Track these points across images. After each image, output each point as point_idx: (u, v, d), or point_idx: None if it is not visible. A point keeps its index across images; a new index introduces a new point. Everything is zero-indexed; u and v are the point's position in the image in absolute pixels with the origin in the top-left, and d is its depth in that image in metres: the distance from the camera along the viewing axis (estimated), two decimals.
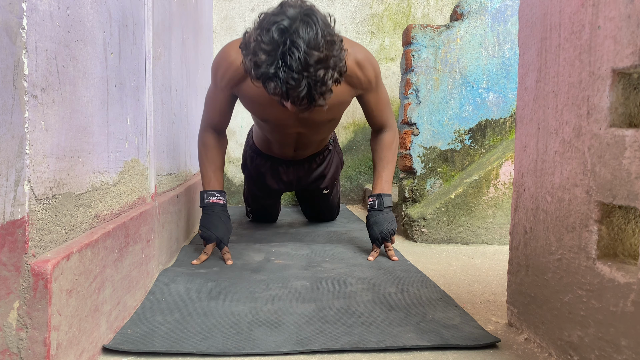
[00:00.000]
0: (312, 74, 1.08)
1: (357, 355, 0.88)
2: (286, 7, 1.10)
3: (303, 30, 1.07)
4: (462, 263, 1.57)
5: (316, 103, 1.14)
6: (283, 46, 1.05)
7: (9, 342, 0.66)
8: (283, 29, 1.06)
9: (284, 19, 1.07)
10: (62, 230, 0.76)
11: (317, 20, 1.10)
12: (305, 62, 1.06)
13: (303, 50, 1.05)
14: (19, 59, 0.63)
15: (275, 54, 1.06)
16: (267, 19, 1.10)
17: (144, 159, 1.21)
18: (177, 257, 1.55)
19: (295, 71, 1.06)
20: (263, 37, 1.07)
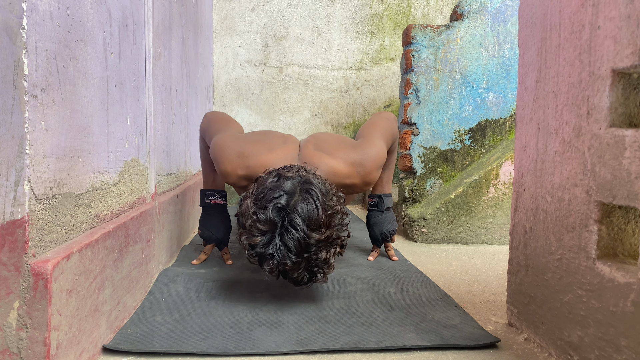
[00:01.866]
0: (312, 256, 1.01)
1: (357, 355, 0.88)
2: (283, 180, 1.04)
3: (302, 208, 1.00)
4: (462, 263, 1.57)
5: (316, 280, 1.08)
6: (281, 226, 1.00)
7: (9, 342, 0.66)
8: (280, 208, 1.00)
9: (282, 195, 1.02)
10: (62, 230, 0.76)
11: (317, 193, 1.03)
12: (305, 243, 0.99)
13: (302, 230, 0.99)
14: (19, 59, 0.63)
15: (272, 234, 1.00)
16: (264, 194, 1.04)
17: (144, 158, 1.21)
18: (177, 257, 1.55)
19: (293, 253, 0.99)
20: (259, 215, 1.01)
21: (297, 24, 2.90)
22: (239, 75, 2.89)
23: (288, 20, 2.89)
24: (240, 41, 2.88)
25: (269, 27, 2.88)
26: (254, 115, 2.91)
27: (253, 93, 2.90)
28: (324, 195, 1.04)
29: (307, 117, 2.93)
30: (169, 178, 1.56)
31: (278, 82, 2.91)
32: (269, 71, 2.90)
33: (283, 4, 2.88)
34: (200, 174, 2.21)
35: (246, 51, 2.89)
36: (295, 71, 2.91)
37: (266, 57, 2.90)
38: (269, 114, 2.92)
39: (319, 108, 2.94)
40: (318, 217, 1.01)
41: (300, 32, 2.90)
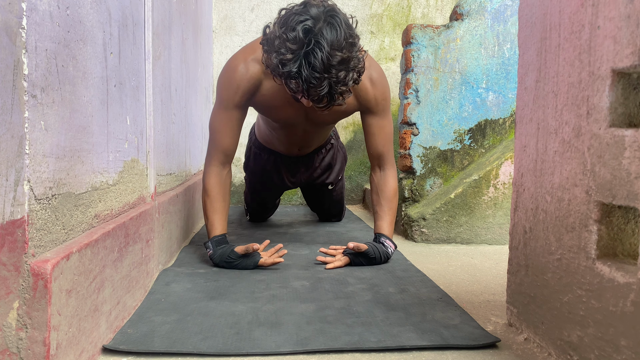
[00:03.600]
0: (334, 75, 1.11)
1: (357, 355, 0.88)
2: (309, 6, 1.13)
3: (327, 31, 1.10)
4: (461, 263, 1.57)
5: (335, 102, 1.18)
6: (307, 46, 1.09)
7: (9, 342, 0.65)
8: (308, 29, 1.09)
9: (308, 19, 1.10)
10: (61, 230, 0.76)
11: (340, 21, 1.13)
12: (327, 63, 1.09)
13: (326, 51, 1.09)
14: (18, 59, 0.63)
15: (299, 53, 1.10)
16: (292, 18, 1.12)
17: (143, 158, 1.21)
18: (177, 257, 1.55)
19: (317, 71, 1.09)
20: (288, 35, 1.09)
21: None
22: None
23: None
24: (240, 41, 2.88)
25: None
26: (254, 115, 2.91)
27: None
28: (347, 25, 1.15)
29: None
30: (169, 178, 1.56)
31: None
32: None
33: (283, 4, 2.88)
34: (200, 174, 2.21)
35: None
36: None
37: None
38: None
39: None
40: (340, 41, 1.11)
41: None
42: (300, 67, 1.10)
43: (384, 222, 1.53)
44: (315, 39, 1.09)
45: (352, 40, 1.15)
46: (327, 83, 1.12)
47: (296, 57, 1.10)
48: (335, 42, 1.10)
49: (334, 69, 1.11)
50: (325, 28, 1.10)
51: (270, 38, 1.15)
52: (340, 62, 1.11)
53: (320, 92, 1.12)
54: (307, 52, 1.09)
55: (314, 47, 1.09)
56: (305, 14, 1.11)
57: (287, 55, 1.10)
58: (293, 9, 1.15)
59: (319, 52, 1.08)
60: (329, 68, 1.10)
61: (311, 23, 1.10)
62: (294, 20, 1.11)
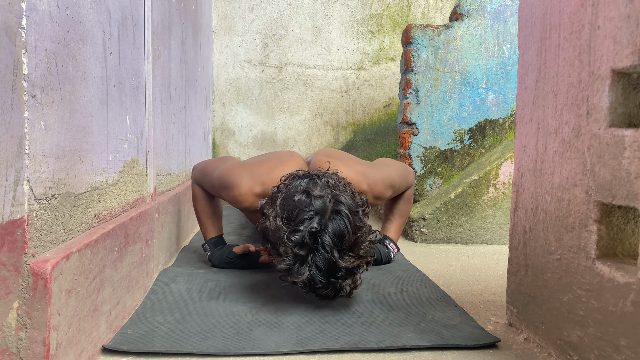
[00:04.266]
0: (340, 278, 1.04)
1: (357, 355, 0.88)
2: (313, 198, 1.04)
3: (333, 229, 1.02)
4: (461, 263, 1.57)
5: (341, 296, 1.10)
6: (313, 252, 1.02)
7: (9, 342, 0.65)
8: (314, 233, 1.01)
9: (314, 218, 1.02)
10: (61, 230, 0.76)
11: (346, 214, 1.04)
12: (333, 267, 1.02)
13: (332, 254, 1.01)
14: (18, 59, 0.63)
15: (305, 260, 1.02)
16: (296, 213, 1.04)
17: (143, 158, 1.21)
18: (176, 257, 1.55)
19: (323, 275, 1.02)
20: (293, 238, 1.02)
21: (297, 24, 2.90)
22: (239, 75, 2.89)
23: (288, 20, 2.89)
24: (240, 41, 2.88)
25: (268, 27, 2.88)
26: (254, 115, 2.91)
27: (252, 93, 2.90)
28: (353, 214, 1.06)
29: (306, 117, 2.93)
30: (169, 178, 1.56)
31: (277, 82, 2.91)
32: (269, 71, 2.90)
33: (283, 3, 2.88)
34: None
35: (246, 51, 2.89)
36: (295, 71, 2.91)
37: (266, 57, 2.89)
38: (269, 114, 2.92)
39: (318, 108, 2.94)
40: (348, 239, 1.03)
41: (299, 32, 2.90)
42: (309, 274, 1.03)
43: (391, 225, 1.54)
44: (322, 240, 1.01)
45: (359, 234, 1.06)
46: (333, 286, 1.05)
47: (302, 264, 1.02)
48: (343, 242, 1.03)
49: (339, 274, 1.04)
50: (332, 224, 1.02)
51: (273, 230, 1.06)
52: (347, 269, 1.04)
53: (325, 294, 1.06)
54: (314, 258, 1.02)
55: (320, 249, 1.02)
56: (309, 209, 1.03)
57: (292, 261, 1.03)
58: (295, 198, 1.05)
59: (325, 254, 1.01)
60: (336, 272, 1.03)
61: (317, 224, 1.02)
62: (298, 218, 1.03)
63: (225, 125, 2.90)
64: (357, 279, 1.06)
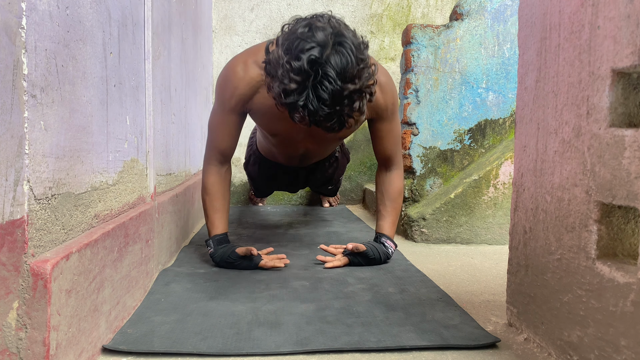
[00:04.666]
0: (344, 106, 1.02)
1: (357, 355, 0.88)
2: (315, 30, 1.03)
3: (335, 60, 1.00)
4: (461, 263, 1.57)
5: (346, 127, 1.09)
6: (314, 78, 0.99)
7: (8, 342, 0.65)
8: (314, 60, 0.99)
9: (314, 47, 1.01)
10: (61, 230, 0.76)
11: (349, 45, 1.03)
12: (337, 95, 1.00)
13: (336, 84, 0.99)
14: (18, 59, 0.63)
15: (305, 84, 1.00)
16: (296, 44, 1.02)
17: (143, 158, 1.21)
18: (176, 257, 1.55)
19: (327, 105, 1.00)
20: (293, 64, 1.00)
21: None
22: None
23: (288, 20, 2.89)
24: (240, 41, 2.88)
25: (268, 26, 2.88)
26: None
27: None
28: (356, 48, 1.05)
29: None
30: (169, 178, 1.56)
31: None
32: None
33: (283, 3, 2.88)
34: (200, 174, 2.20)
35: None
36: None
37: None
38: None
39: None
40: (352, 70, 1.01)
41: None
42: (307, 101, 1.01)
43: (385, 222, 1.52)
44: (323, 70, 1.00)
45: (362, 65, 1.05)
46: (338, 116, 1.03)
47: (301, 88, 1.01)
48: (345, 72, 1.01)
49: (345, 100, 1.02)
50: (333, 56, 1.01)
51: (273, 62, 1.06)
52: (351, 93, 1.03)
53: (331, 124, 1.04)
54: (315, 85, 1.00)
55: (322, 78, 0.99)
56: (310, 40, 1.01)
57: (291, 85, 1.01)
58: (297, 32, 1.05)
59: (327, 84, 0.99)
60: (340, 100, 1.01)
61: (317, 52, 1.00)
62: (298, 47, 1.01)
63: None
64: (362, 105, 1.05)
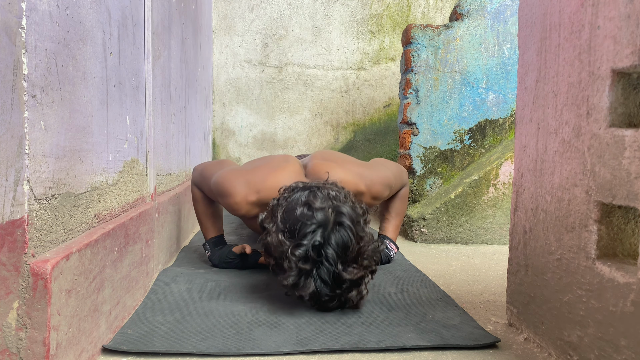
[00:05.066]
0: (347, 288, 1.04)
1: (357, 355, 0.88)
2: (315, 210, 1.03)
3: (336, 240, 1.02)
4: (461, 263, 1.57)
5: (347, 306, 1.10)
6: (318, 265, 1.01)
7: (9, 342, 0.65)
8: (318, 246, 1.01)
9: (316, 231, 1.02)
10: (61, 230, 0.76)
11: (349, 225, 1.04)
12: (338, 280, 1.02)
13: (336, 267, 1.01)
14: (18, 59, 0.63)
15: (309, 273, 1.02)
16: (298, 227, 1.03)
17: (143, 158, 1.21)
18: (176, 257, 1.55)
19: (329, 288, 1.02)
20: (297, 252, 1.01)
21: (297, 24, 2.90)
22: (239, 75, 2.89)
23: (288, 20, 2.89)
24: (240, 41, 2.88)
25: (268, 26, 2.88)
26: (254, 115, 2.91)
27: (252, 93, 2.90)
28: (355, 224, 1.06)
29: (306, 117, 2.93)
30: (169, 178, 1.56)
31: (278, 82, 2.91)
32: (269, 71, 2.90)
33: (283, 3, 2.88)
34: None
35: (246, 51, 2.88)
36: (295, 71, 2.91)
37: (266, 57, 2.89)
38: (269, 114, 2.92)
39: (318, 108, 2.94)
40: (352, 250, 1.03)
41: (299, 32, 2.90)
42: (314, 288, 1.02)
43: (389, 224, 1.54)
44: (325, 253, 1.01)
45: (362, 244, 1.06)
46: (339, 299, 1.05)
47: (308, 278, 1.02)
48: (347, 254, 1.02)
49: (345, 285, 1.03)
50: (335, 236, 1.02)
51: (275, 246, 1.05)
52: (351, 281, 1.04)
53: (331, 306, 1.06)
54: (319, 272, 1.01)
55: (324, 262, 1.01)
56: (312, 222, 1.02)
57: (299, 279, 1.02)
58: (297, 211, 1.05)
59: (330, 267, 1.01)
60: (341, 284, 1.03)
61: (320, 237, 1.01)
62: (301, 232, 1.02)
63: (225, 125, 2.91)
64: (362, 289, 1.06)
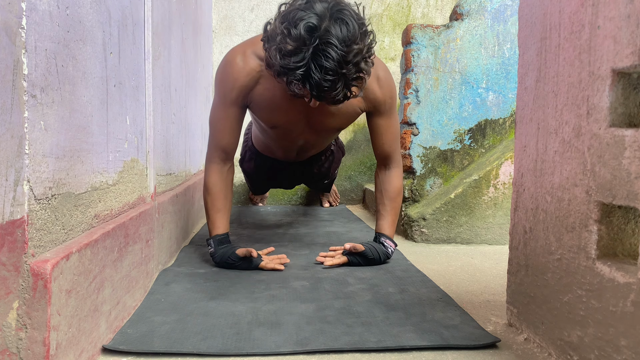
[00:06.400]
0: (348, 73, 1.00)
1: (357, 355, 0.88)
2: (313, 2, 1.01)
3: (336, 29, 0.98)
4: (461, 263, 1.57)
5: (349, 97, 1.07)
6: (313, 47, 0.97)
7: (9, 342, 0.65)
8: (312, 27, 0.97)
9: (312, 17, 0.98)
10: (61, 230, 0.76)
11: (349, 13, 1.01)
12: (340, 62, 0.98)
13: (339, 50, 0.97)
14: (18, 59, 0.63)
15: (303, 50, 0.98)
16: (293, 14, 1.00)
17: (143, 158, 1.21)
18: (176, 257, 1.55)
19: (330, 74, 0.98)
20: (292, 31, 0.97)
21: None
22: None
23: None
24: (240, 41, 2.87)
25: None
26: None
27: None
28: (357, 16, 1.03)
29: None
30: (169, 178, 1.56)
31: None
32: None
33: None
34: (201, 174, 2.20)
35: None
36: None
37: None
38: None
39: None
40: (355, 35, 0.99)
41: None
42: (309, 70, 0.99)
43: (385, 221, 1.52)
44: (323, 38, 0.97)
45: (363, 31, 1.03)
46: (342, 83, 1.01)
47: (300, 56, 0.98)
48: (347, 39, 0.99)
49: (349, 66, 0.99)
50: (334, 26, 0.99)
51: (271, 34, 1.04)
52: (354, 60, 1.00)
53: (335, 94, 1.02)
54: (315, 53, 0.98)
55: (323, 46, 0.97)
56: (308, 11, 1.00)
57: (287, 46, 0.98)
58: (296, 4, 1.03)
59: (331, 51, 0.97)
60: (342, 67, 0.99)
61: (315, 21, 0.98)
62: (296, 17, 1.00)
63: None
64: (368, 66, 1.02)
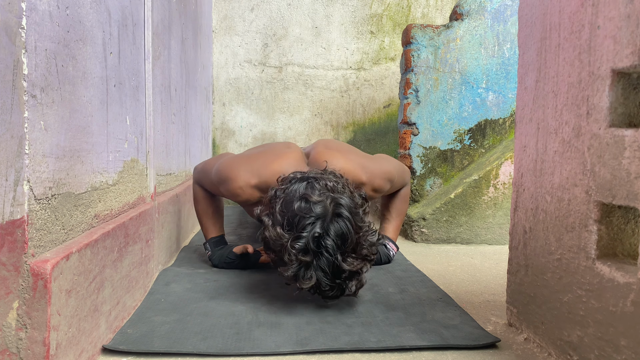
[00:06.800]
0: (346, 278, 1.04)
1: (357, 355, 0.88)
2: (313, 204, 1.03)
3: (335, 231, 1.02)
4: (461, 263, 1.57)
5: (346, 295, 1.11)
6: (318, 257, 1.02)
7: (9, 342, 0.65)
8: (317, 237, 1.01)
9: (315, 223, 1.02)
10: (61, 230, 0.75)
11: (347, 216, 1.04)
12: (338, 269, 1.03)
13: (335, 257, 1.02)
14: (18, 59, 0.63)
15: (309, 264, 1.02)
16: (297, 220, 1.03)
17: (143, 158, 1.21)
18: (176, 257, 1.55)
19: (328, 278, 1.03)
20: (297, 245, 1.01)
21: (297, 24, 2.90)
22: (239, 75, 2.89)
23: (288, 20, 2.89)
24: (240, 41, 2.88)
25: (268, 26, 2.88)
26: (254, 115, 2.91)
27: (252, 93, 2.90)
28: (354, 215, 1.06)
29: (306, 117, 2.93)
30: (169, 178, 1.56)
31: (277, 82, 2.91)
32: (269, 71, 2.90)
33: (283, 3, 2.88)
34: None
35: (246, 51, 2.88)
36: (295, 71, 2.91)
37: (266, 57, 2.89)
38: (269, 114, 2.91)
39: (318, 108, 2.93)
40: (351, 241, 1.03)
41: (299, 32, 2.90)
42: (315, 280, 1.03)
43: (389, 225, 1.54)
44: (325, 243, 1.01)
45: (361, 233, 1.07)
46: (339, 287, 1.06)
47: (308, 269, 1.02)
48: (346, 244, 1.03)
49: (345, 274, 1.04)
50: (334, 226, 1.02)
51: (274, 239, 1.05)
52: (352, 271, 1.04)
53: (331, 295, 1.06)
54: (319, 263, 1.02)
55: (325, 254, 1.02)
56: (310, 215, 1.02)
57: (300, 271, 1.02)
58: (295, 206, 1.04)
59: (329, 257, 1.01)
60: (340, 274, 1.04)
61: (319, 228, 1.01)
62: (300, 225, 1.02)
63: (225, 125, 2.90)
64: (361, 278, 1.07)
